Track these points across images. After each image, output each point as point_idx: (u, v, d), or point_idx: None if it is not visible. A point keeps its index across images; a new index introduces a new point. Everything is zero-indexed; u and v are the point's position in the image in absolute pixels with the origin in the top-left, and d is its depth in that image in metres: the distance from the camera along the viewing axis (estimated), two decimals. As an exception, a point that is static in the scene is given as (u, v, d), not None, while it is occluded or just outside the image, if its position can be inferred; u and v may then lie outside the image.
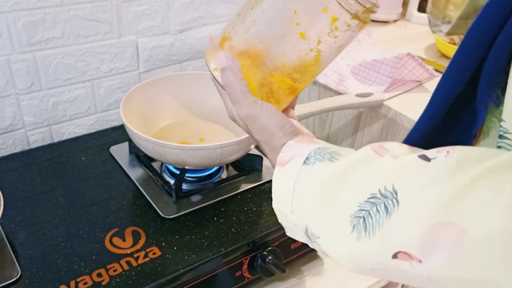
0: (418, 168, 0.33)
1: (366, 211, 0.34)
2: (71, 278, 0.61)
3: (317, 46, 0.46)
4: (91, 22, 0.89)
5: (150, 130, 0.87)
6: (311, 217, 0.40)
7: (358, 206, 0.35)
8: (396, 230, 0.33)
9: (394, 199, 0.33)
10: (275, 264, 0.68)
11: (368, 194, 0.35)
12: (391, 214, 0.33)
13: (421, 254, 0.31)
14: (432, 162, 0.33)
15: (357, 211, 0.35)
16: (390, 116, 0.82)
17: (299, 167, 0.42)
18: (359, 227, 0.35)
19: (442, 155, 0.33)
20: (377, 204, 0.34)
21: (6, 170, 0.81)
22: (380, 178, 0.35)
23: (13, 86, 0.86)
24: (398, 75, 0.90)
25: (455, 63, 0.37)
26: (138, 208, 0.74)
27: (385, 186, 0.34)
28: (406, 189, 0.33)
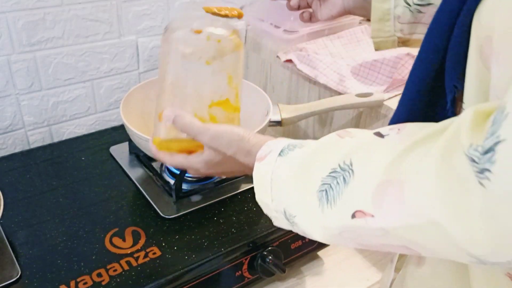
0: (372, 142, 0.38)
1: (328, 184, 0.39)
2: (71, 278, 0.61)
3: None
4: (91, 22, 0.89)
5: (150, 130, 0.87)
6: (288, 199, 0.44)
7: (321, 181, 0.39)
8: (352, 194, 0.37)
9: (351, 170, 0.37)
10: (275, 264, 0.68)
11: (330, 169, 0.39)
12: (348, 183, 0.37)
13: (373, 210, 0.35)
14: (385, 138, 0.38)
15: (321, 185, 0.39)
16: (390, 116, 0.82)
17: (274, 159, 0.46)
18: (323, 200, 0.39)
19: (394, 132, 0.38)
20: (337, 177, 0.38)
21: (6, 170, 0.81)
22: (340, 154, 0.39)
23: (13, 86, 0.86)
24: (398, 75, 0.90)
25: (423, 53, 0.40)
26: (138, 208, 0.74)
27: (344, 161, 0.38)
28: (360, 160, 0.37)
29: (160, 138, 0.58)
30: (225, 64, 0.57)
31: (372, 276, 0.78)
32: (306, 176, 0.42)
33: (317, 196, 0.40)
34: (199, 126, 0.54)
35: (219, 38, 0.57)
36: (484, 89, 0.35)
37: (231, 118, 0.60)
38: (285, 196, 0.44)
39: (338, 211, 0.38)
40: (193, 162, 0.56)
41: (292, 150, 0.45)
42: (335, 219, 0.39)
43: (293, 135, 1.06)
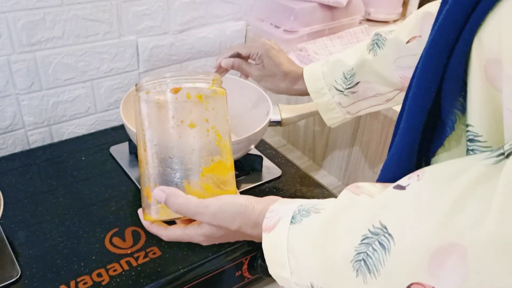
0: (397, 198, 0.35)
1: (364, 252, 0.35)
2: (71, 278, 0.61)
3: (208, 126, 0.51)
4: (91, 22, 0.89)
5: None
6: (313, 272, 0.40)
7: (355, 250, 0.36)
8: (400, 264, 0.33)
9: (386, 233, 0.34)
10: (275, 264, 0.68)
11: (360, 236, 0.35)
12: (389, 250, 0.33)
13: (433, 281, 0.31)
14: (407, 189, 0.35)
15: (356, 255, 0.35)
16: (390, 116, 0.82)
17: (287, 227, 0.42)
18: (363, 270, 0.35)
19: (414, 180, 0.35)
20: (371, 244, 0.34)
21: (6, 170, 0.81)
22: (366, 217, 0.36)
23: (13, 86, 0.86)
24: (398, 75, 0.90)
25: (422, 81, 0.38)
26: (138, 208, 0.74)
27: (373, 224, 0.35)
28: (394, 222, 0.34)
29: (152, 218, 0.52)
30: (211, 121, 0.51)
31: (372, 276, 0.78)
32: (333, 246, 0.38)
33: (353, 267, 0.36)
34: (197, 205, 0.48)
35: (199, 93, 0.50)
36: (494, 108, 0.34)
37: (226, 181, 0.52)
38: (309, 268, 0.40)
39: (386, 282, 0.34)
40: (193, 235, 0.51)
41: (306, 216, 0.41)
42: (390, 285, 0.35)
43: (293, 135, 1.06)
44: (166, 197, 0.49)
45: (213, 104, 0.51)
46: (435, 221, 0.31)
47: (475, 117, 0.35)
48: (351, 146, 0.93)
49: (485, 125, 0.35)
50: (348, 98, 0.71)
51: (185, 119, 0.49)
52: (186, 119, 0.49)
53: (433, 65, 0.37)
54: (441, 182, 0.32)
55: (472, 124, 0.36)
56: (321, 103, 0.73)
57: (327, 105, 0.73)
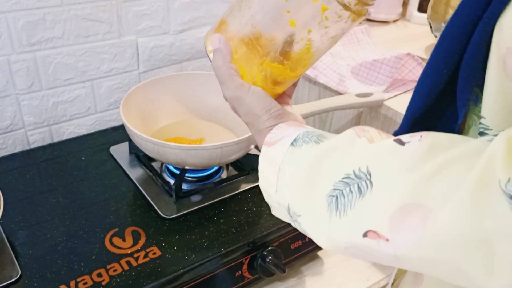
0: (392, 151, 0.35)
1: (339, 190, 0.36)
2: (71, 278, 0.61)
3: (307, 35, 0.46)
4: (91, 22, 0.89)
5: (150, 130, 0.87)
6: (294, 196, 0.41)
7: (333, 185, 0.36)
8: (367, 209, 0.34)
9: (368, 180, 0.34)
10: (275, 264, 0.68)
11: (343, 174, 0.36)
12: (364, 195, 0.34)
13: (389, 233, 0.32)
14: (406, 146, 0.34)
15: (332, 190, 0.36)
16: (390, 116, 0.82)
17: (286, 147, 0.42)
18: (331, 206, 0.36)
19: (416, 139, 0.34)
20: (350, 184, 0.35)
21: (6, 170, 0.81)
22: (356, 159, 0.36)
23: (13, 86, 0.86)
24: (398, 75, 0.90)
25: (433, 61, 0.38)
26: (138, 208, 0.74)
27: (360, 168, 0.35)
28: (380, 171, 0.34)
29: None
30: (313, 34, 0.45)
31: (372, 276, 0.78)
32: (317, 176, 0.39)
33: (326, 201, 0.37)
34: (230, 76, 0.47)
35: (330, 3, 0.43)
36: (509, 101, 0.33)
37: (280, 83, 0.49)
38: (292, 191, 0.41)
39: (348, 223, 0.35)
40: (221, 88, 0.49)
41: (307, 142, 0.41)
42: (342, 230, 0.36)
43: (293, 135, 1.06)
44: (217, 49, 0.49)
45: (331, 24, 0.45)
46: (414, 181, 0.31)
47: (488, 109, 0.34)
48: (351, 146, 0.92)
49: (496, 120, 0.34)
50: None
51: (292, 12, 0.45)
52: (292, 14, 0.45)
53: (448, 47, 0.36)
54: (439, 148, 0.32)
55: (485, 116, 0.35)
56: None
57: None
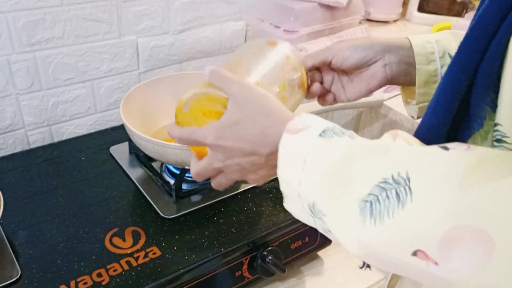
0: (435, 156, 0.32)
1: (375, 195, 0.33)
2: (71, 278, 0.61)
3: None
4: (91, 22, 0.89)
5: (150, 130, 0.87)
6: (321, 194, 0.38)
7: (368, 189, 0.34)
8: (411, 223, 0.31)
9: (407, 186, 0.31)
10: (275, 264, 0.68)
11: (380, 178, 0.33)
12: (404, 204, 0.31)
13: (438, 256, 0.29)
14: (450, 151, 0.32)
15: (366, 195, 0.33)
16: (390, 116, 0.82)
17: (314, 137, 0.39)
18: (365, 211, 0.33)
19: (462, 148, 0.32)
20: (387, 190, 0.32)
21: (6, 170, 0.81)
22: (394, 162, 0.33)
23: (13, 86, 0.86)
24: (398, 75, 0.90)
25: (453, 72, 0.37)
26: (138, 208, 0.74)
27: (399, 172, 0.32)
28: (421, 178, 0.31)
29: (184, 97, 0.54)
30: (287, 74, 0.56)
31: (372, 276, 0.78)
32: (349, 175, 0.36)
33: (358, 205, 0.34)
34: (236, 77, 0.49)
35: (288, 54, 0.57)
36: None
37: None
38: (319, 188, 0.38)
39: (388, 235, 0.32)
40: (204, 128, 0.48)
41: (338, 135, 0.39)
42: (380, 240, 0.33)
43: (293, 135, 1.06)
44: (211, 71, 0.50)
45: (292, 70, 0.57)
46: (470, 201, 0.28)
47: (504, 116, 0.33)
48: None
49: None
50: None
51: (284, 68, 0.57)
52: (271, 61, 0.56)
53: (468, 56, 0.35)
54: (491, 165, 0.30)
55: (501, 123, 0.34)
56: (424, 71, 0.58)
57: (430, 75, 0.58)
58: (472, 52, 0.35)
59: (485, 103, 0.35)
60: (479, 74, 0.35)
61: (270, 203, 0.76)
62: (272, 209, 0.74)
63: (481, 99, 0.35)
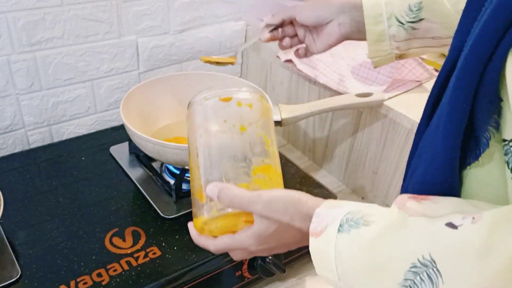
0: (448, 236, 0.34)
1: (411, 280, 0.35)
2: (71, 278, 0.61)
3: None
4: (91, 22, 0.89)
5: (150, 130, 0.87)
6: (361, 283, 0.40)
7: (403, 275, 0.36)
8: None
9: (435, 268, 0.34)
10: (275, 264, 0.68)
11: (410, 264, 0.35)
12: (437, 285, 0.33)
13: None
14: (459, 229, 0.34)
15: (403, 280, 0.36)
16: (390, 116, 0.82)
17: (334, 235, 0.42)
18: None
19: (468, 222, 0.34)
20: (419, 273, 0.35)
21: (6, 170, 0.81)
22: (417, 245, 0.36)
23: (13, 86, 0.86)
24: (398, 75, 0.90)
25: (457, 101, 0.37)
26: (138, 208, 0.74)
27: (423, 255, 0.35)
28: (443, 259, 0.34)
29: (204, 218, 0.51)
30: (260, 129, 0.54)
31: (372, 276, 0.78)
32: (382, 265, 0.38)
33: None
34: (250, 196, 0.48)
35: (249, 102, 0.54)
36: None
37: (278, 183, 0.54)
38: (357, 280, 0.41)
39: None
40: (242, 239, 0.50)
41: (355, 227, 0.41)
42: None
43: (293, 135, 1.06)
44: (219, 191, 0.49)
45: (261, 115, 0.55)
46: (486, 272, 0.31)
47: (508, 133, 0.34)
48: (351, 146, 0.92)
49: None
50: (405, 33, 0.68)
51: (236, 123, 0.53)
52: (237, 124, 0.53)
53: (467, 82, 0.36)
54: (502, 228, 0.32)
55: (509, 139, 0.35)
56: (373, 31, 0.69)
57: (379, 35, 0.69)
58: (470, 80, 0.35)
59: (489, 125, 0.36)
60: (480, 96, 0.35)
61: (270, 203, 0.76)
62: (272, 209, 0.74)
63: (485, 120, 0.36)
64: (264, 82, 1.09)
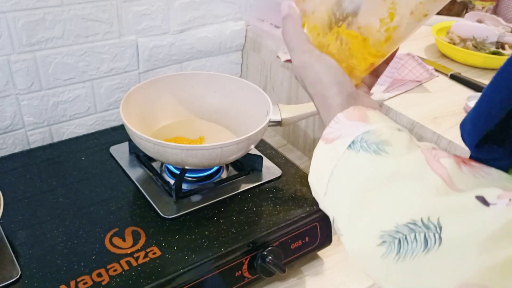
0: (473, 211, 0.30)
1: (403, 234, 0.32)
2: (71, 278, 0.61)
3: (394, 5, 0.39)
4: (91, 22, 0.89)
5: (150, 130, 0.87)
6: (342, 211, 0.38)
7: (394, 225, 0.33)
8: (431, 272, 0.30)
9: (437, 234, 0.30)
10: (275, 264, 0.68)
11: (409, 219, 0.32)
12: (429, 250, 0.30)
13: None
14: (490, 208, 0.30)
15: (393, 231, 0.33)
16: (390, 116, 0.82)
17: (342, 150, 0.38)
18: (392, 247, 0.33)
19: (504, 203, 0.29)
20: (416, 232, 0.31)
21: (6, 170, 0.81)
22: (427, 205, 0.32)
23: (13, 86, 0.86)
24: (398, 75, 0.90)
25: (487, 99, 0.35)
26: (138, 208, 0.74)
27: (429, 217, 0.31)
28: (454, 231, 0.30)
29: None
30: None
31: (372, 276, 0.78)
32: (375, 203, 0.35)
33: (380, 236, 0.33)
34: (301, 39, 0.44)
35: None
36: None
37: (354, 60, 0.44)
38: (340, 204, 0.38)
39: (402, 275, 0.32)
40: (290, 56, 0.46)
41: (365, 150, 0.37)
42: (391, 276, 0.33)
43: (293, 135, 1.06)
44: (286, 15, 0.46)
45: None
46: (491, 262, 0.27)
47: None
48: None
49: None
50: None
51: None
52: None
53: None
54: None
55: None
56: None
57: None
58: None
59: None
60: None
61: (270, 203, 0.76)
62: (272, 209, 0.74)
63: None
64: (264, 82, 1.09)
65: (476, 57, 1.00)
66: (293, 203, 0.76)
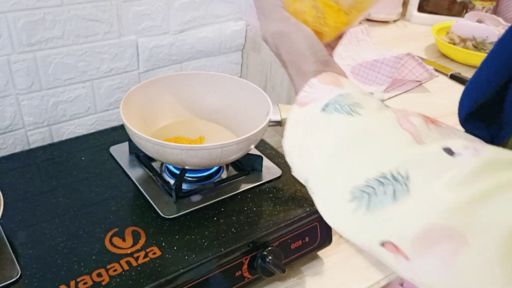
0: (439, 162, 0.31)
1: (373, 188, 0.33)
2: (71, 278, 0.61)
3: None
4: (91, 22, 0.89)
5: (150, 130, 0.87)
6: (313, 171, 0.39)
7: (365, 180, 0.33)
8: (395, 217, 0.31)
9: (405, 185, 0.31)
10: (275, 264, 0.68)
11: (379, 173, 0.33)
12: (397, 200, 0.31)
13: (411, 252, 0.30)
14: (455, 157, 0.31)
15: (363, 186, 0.33)
16: (390, 116, 0.82)
17: (316, 112, 0.39)
18: (362, 202, 0.33)
19: (469, 154, 0.30)
20: (385, 185, 0.32)
21: (6, 170, 0.81)
22: (396, 160, 0.33)
23: (13, 86, 0.86)
24: (398, 75, 0.90)
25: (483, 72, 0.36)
26: (138, 208, 0.74)
27: (399, 171, 0.32)
28: (420, 182, 0.31)
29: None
30: None
31: (372, 276, 0.78)
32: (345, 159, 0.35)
33: (352, 192, 0.34)
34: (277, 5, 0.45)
35: None
36: None
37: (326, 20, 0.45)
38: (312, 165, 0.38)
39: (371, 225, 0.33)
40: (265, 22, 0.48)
41: (338, 111, 0.37)
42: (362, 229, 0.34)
43: (293, 135, 1.06)
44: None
45: None
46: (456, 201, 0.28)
47: None
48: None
49: None
50: None
51: None
52: None
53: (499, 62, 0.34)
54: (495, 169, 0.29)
55: None
56: None
57: None
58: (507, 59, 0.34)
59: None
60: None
61: (270, 203, 0.76)
62: (272, 209, 0.74)
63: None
64: (264, 82, 1.09)
65: (476, 57, 1.00)
66: (293, 203, 0.76)
